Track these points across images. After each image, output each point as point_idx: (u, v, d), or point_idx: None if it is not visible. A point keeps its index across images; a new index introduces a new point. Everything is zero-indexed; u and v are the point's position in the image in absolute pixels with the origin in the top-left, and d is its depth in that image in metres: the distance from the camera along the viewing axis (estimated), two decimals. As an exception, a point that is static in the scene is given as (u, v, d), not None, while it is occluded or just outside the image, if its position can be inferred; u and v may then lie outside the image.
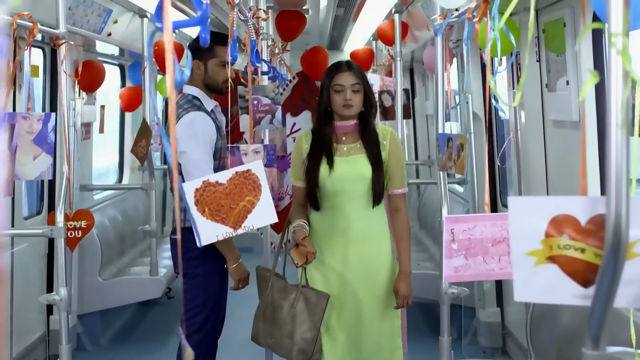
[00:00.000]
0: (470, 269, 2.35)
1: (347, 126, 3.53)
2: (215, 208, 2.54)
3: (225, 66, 3.73)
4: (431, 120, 8.02)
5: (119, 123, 7.63)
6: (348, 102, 3.45)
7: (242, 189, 2.56)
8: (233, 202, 2.55)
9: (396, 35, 5.93)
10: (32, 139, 3.27)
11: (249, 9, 4.03)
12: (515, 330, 5.00)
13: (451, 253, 2.35)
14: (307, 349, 3.35)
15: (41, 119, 3.29)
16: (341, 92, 3.46)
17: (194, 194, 2.52)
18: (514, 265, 1.50)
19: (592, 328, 1.41)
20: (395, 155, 3.53)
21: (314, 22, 7.59)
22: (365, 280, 3.49)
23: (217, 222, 2.55)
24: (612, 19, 1.28)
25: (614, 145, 1.29)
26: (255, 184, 2.57)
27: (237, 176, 2.56)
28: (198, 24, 1.68)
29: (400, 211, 3.59)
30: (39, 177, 3.36)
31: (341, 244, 3.50)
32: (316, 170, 3.49)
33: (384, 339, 3.52)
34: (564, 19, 3.59)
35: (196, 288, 3.73)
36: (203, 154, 3.58)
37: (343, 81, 3.46)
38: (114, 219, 6.64)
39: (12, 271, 4.75)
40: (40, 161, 3.30)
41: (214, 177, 2.56)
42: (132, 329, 6.36)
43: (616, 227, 1.31)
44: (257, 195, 2.57)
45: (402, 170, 3.57)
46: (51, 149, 3.32)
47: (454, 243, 2.35)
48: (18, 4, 3.86)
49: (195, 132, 3.59)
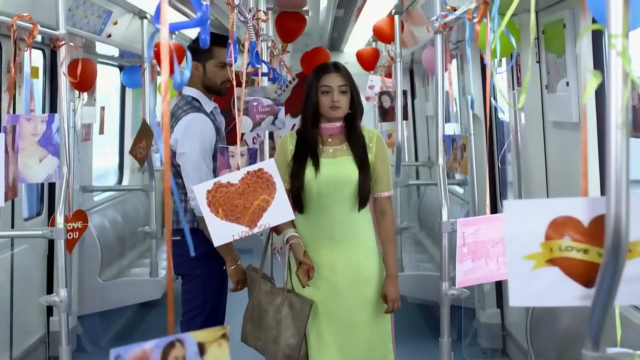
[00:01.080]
0: (476, 272, 2.34)
1: (333, 128, 3.49)
2: (230, 208, 2.55)
3: (223, 67, 3.73)
4: (431, 122, 8.03)
5: (119, 124, 7.64)
6: (335, 103, 3.41)
7: (256, 188, 2.57)
8: (247, 201, 2.56)
9: (396, 37, 5.93)
10: (37, 141, 3.22)
11: (249, 10, 4.03)
12: (515, 331, 5.00)
13: (462, 257, 2.34)
14: (292, 354, 3.31)
15: (45, 120, 3.24)
16: (328, 93, 3.42)
17: (206, 196, 2.53)
18: (509, 270, 1.48)
19: (592, 329, 1.41)
20: (381, 158, 3.50)
21: (314, 23, 7.58)
22: (354, 285, 3.45)
23: (232, 222, 2.56)
24: (611, 20, 1.28)
25: (614, 146, 1.29)
26: (269, 182, 2.58)
27: (249, 176, 2.57)
28: (198, 25, 1.68)
29: (386, 214, 3.55)
30: (47, 179, 3.29)
31: (327, 247, 3.45)
32: (301, 172, 3.44)
33: (376, 344, 3.49)
34: (564, 20, 3.59)
35: (196, 289, 3.74)
36: (202, 155, 3.58)
37: (330, 82, 3.43)
38: (114, 220, 6.64)
39: (12, 272, 4.75)
40: (47, 163, 3.24)
41: (225, 178, 2.57)
42: (132, 330, 6.36)
43: (616, 228, 1.31)
44: (271, 193, 2.58)
45: (388, 173, 3.54)
46: (57, 151, 3.27)
47: (464, 247, 2.34)
48: (18, 4, 3.87)
49: (194, 133, 3.59)
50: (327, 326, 3.43)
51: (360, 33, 8.16)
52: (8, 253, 4.72)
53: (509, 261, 1.48)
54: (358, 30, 8.08)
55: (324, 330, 3.43)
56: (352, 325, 3.44)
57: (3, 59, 4.53)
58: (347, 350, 3.44)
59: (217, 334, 1.32)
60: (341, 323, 3.43)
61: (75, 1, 4.74)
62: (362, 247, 3.49)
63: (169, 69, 1.24)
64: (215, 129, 3.73)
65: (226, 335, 1.33)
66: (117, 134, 7.67)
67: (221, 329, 1.32)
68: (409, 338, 3.66)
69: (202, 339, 1.30)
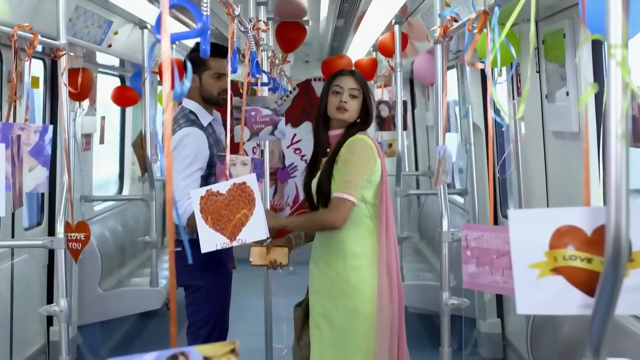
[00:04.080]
0: (481, 278, 2.35)
1: (334, 136, 3.43)
2: (216, 217, 2.55)
3: (219, 78, 3.72)
4: (431, 131, 8.04)
5: (119, 134, 7.64)
6: (343, 104, 3.33)
7: (239, 201, 2.56)
8: (231, 213, 2.55)
9: (396, 46, 5.95)
10: (28, 151, 3.22)
11: (249, 20, 4.04)
12: (515, 341, 4.99)
13: (467, 259, 2.36)
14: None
15: (38, 131, 3.22)
16: (338, 93, 3.36)
17: (199, 202, 2.54)
18: (515, 278, 1.49)
19: (593, 339, 1.41)
20: (342, 159, 3.28)
21: (314, 33, 7.60)
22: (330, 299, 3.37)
23: (217, 231, 2.56)
24: (611, 30, 1.29)
25: (614, 156, 1.29)
26: (250, 197, 2.56)
27: (234, 188, 2.56)
28: (198, 35, 1.68)
29: (326, 210, 3.30)
30: (34, 189, 3.25)
31: (312, 262, 3.49)
32: (309, 178, 3.46)
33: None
34: (564, 29, 3.60)
35: (200, 300, 3.72)
36: (184, 177, 3.52)
37: (342, 83, 3.37)
38: (114, 229, 6.64)
39: (12, 282, 4.75)
40: (36, 173, 3.21)
41: (216, 187, 2.56)
42: (132, 340, 6.35)
43: (616, 237, 1.31)
44: (251, 209, 2.56)
45: (345, 175, 3.25)
46: (47, 162, 3.24)
47: (468, 250, 2.35)
48: (19, 15, 3.88)
49: (180, 152, 3.54)
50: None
51: (361, 43, 8.17)
52: (8, 263, 4.72)
53: (515, 269, 1.49)
54: (358, 40, 8.09)
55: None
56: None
57: (4, 68, 4.54)
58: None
59: (225, 349, 1.24)
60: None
61: (76, 11, 4.75)
62: (340, 262, 3.33)
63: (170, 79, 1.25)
64: (215, 141, 3.71)
65: (235, 350, 1.25)
66: (117, 143, 7.67)
67: (230, 344, 1.24)
68: (409, 348, 3.63)
69: (209, 353, 1.23)
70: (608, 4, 1.28)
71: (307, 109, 5.90)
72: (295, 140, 5.88)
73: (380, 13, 5.98)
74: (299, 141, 5.85)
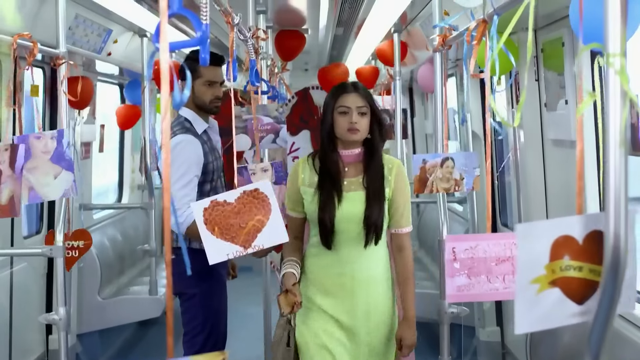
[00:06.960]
0: (474, 288, 2.33)
1: (351, 155, 3.18)
2: (225, 227, 2.54)
3: (211, 85, 3.72)
4: (430, 140, 8.04)
5: (118, 142, 7.64)
6: (354, 125, 3.08)
7: (252, 208, 2.55)
8: (242, 221, 2.55)
9: (395, 55, 5.95)
10: (49, 158, 3.21)
11: (249, 28, 4.05)
12: (515, 349, 4.98)
13: (453, 272, 2.32)
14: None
15: (54, 137, 3.21)
16: (346, 114, 3.10)
17: (203, 214, 2.53)
18: (517, 296, 1.46)
19: (592, 347, 1.41)
20: (401, 192, 3.19)
21: (313, 42, 7.61)
22: (364, 330, 3.18)
23: (227, 240, 2.55)
24: (609, 39, 1.29)
25: (613, 165, 1.29)
26: (265, 203, 2.56)
27: (245, 195, 2.56)
28: (198, 44, 1.68)
29: (404, 250, 3.25)
30: (64, 195, 3.25)
31: (337, 286, 3.18)
32: (330, 202, 3.12)
33: None
34: (563, 38, 3.60)
35: (195, 308, 3.72)
36: (181, 186, 3.51)
37: (349, 103, 3.11)
38: (114, 238, 6.64)
39: (11, 291, 4.74)
40: (62, 179, 3.21)
41: (222, 197, 2.56)
42: (131, 348, 6.34)
43: (615, 247, 1.30)
44: (266, 214, 2.56)
45: (408, 207, 3.24)
46: (71, 165, 3.21)
47: (455, 262, 2.32)
48: (18, 23, 3.88)
49: (173, 160, 3.53)
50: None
51: (360, 51, 8.18)
52: (7, 271, 4.71)
53: (517, 286, 1.46)
54: (357, 49, 8.10)
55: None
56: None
57: (3, 77, 4.55)
58: None
59: (216, 359, 1.26)
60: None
61: (76, 20, 4.75)
62: (372, 289, 3.18)
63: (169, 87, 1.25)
64: (210, 149, 3.71)
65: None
66: (116, 152, 7.67)
67: (220, 354, 1.26)
68: (409, 356, 3.63)
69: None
70: (606, 13, 1.29)
71: (306, 118, 5.90)
72: (294, 149, 5.88)
73: (380, 21, 5.99)
74: (297, 149, 5.85)
